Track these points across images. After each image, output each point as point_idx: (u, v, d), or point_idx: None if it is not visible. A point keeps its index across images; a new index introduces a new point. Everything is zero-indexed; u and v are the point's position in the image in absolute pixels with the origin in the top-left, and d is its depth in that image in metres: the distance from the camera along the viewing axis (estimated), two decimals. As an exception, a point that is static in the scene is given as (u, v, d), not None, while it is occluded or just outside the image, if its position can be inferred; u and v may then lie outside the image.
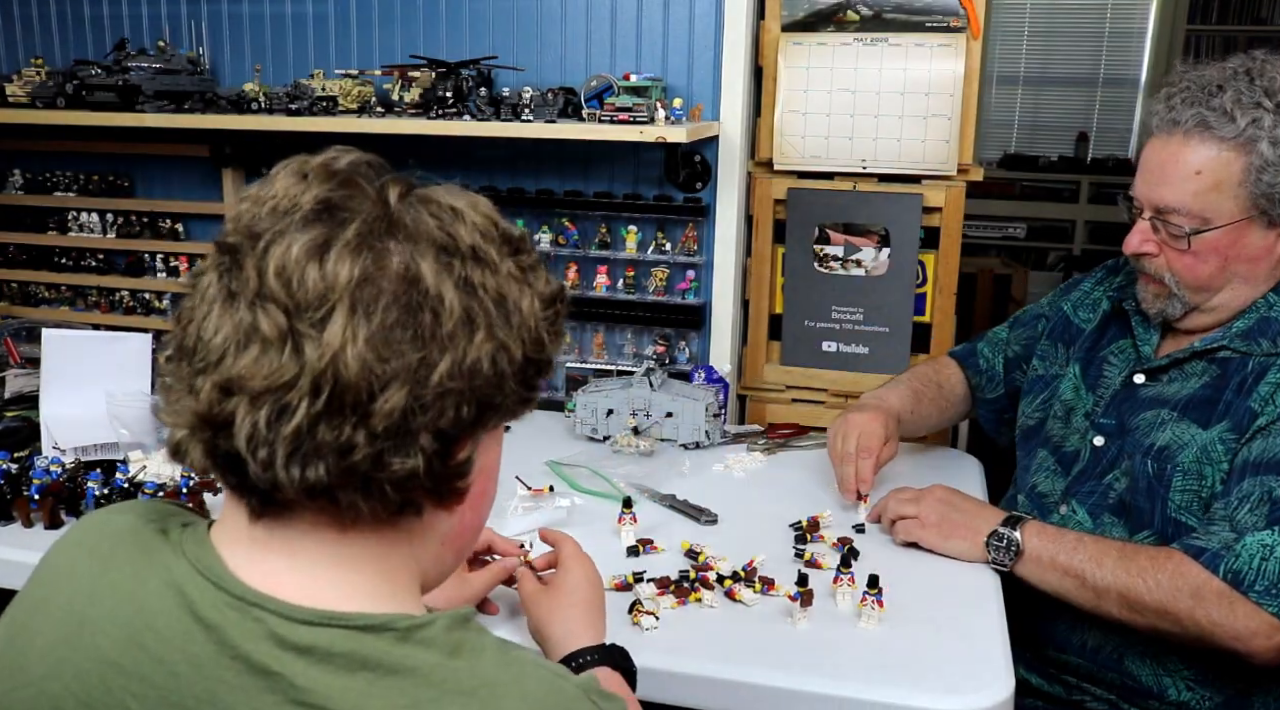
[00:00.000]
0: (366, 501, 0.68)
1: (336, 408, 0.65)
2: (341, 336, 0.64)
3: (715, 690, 1.17)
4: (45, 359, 1.73)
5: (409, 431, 0.67)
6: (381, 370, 0.65)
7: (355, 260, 0.66)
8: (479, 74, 2.02)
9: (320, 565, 0.72)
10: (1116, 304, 1.58)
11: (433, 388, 0.67)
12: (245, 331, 0.66)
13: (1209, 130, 1.34)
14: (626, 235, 2.13)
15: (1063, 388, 1.58)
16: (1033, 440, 1.62)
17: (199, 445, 0.69)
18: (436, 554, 0.78)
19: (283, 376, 0.65)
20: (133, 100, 2.06)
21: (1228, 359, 1.41)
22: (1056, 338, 1.66)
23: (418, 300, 0.67)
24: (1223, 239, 1.37)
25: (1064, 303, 1.68)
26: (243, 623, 0.68)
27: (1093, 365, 1.57)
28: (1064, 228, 6.04)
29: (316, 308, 0.65)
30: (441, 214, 0.71)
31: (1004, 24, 6.04)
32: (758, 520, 1.56)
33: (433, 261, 0.68)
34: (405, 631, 0.68)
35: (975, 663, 1.20)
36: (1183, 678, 1.39)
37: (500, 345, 0.70)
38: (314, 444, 0.65)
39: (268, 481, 0.67)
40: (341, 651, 0.67)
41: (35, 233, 2.46)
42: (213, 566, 0.71)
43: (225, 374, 0.66)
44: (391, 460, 0.67)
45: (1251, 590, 1.23)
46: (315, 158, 0.72)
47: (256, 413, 0.65)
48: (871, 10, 1.97)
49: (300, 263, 0.66)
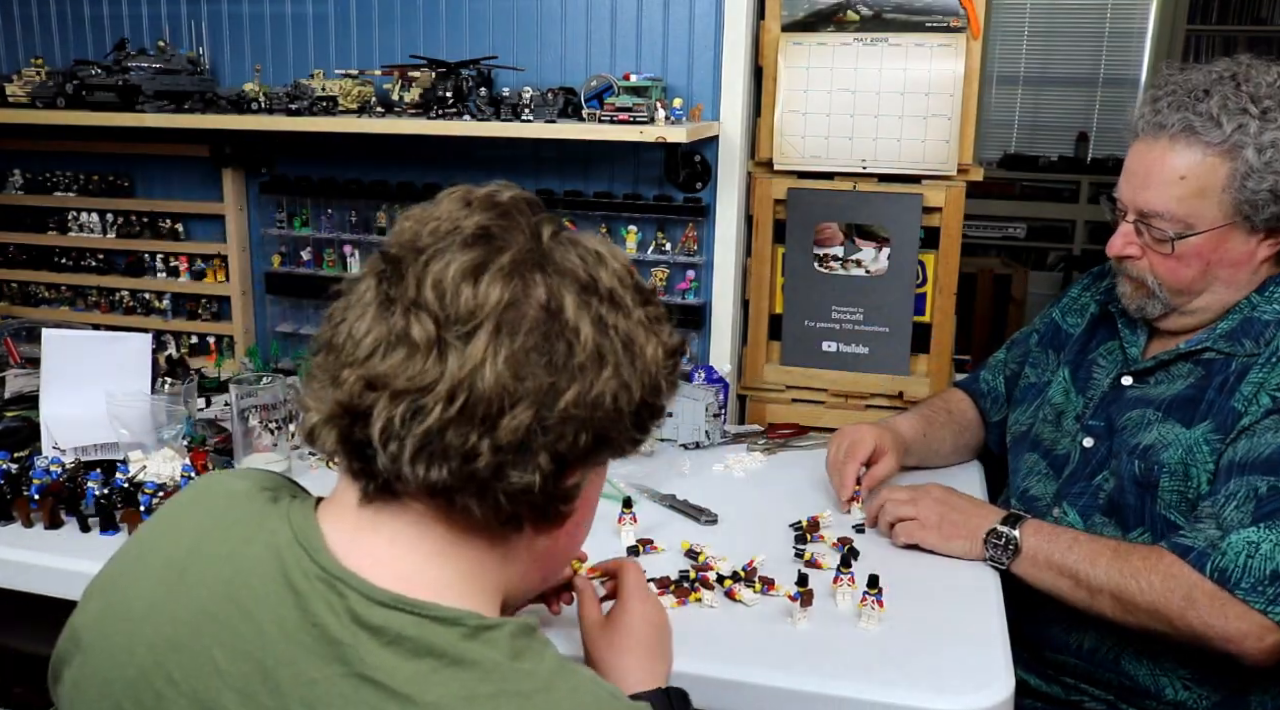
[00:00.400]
0: (480, 507, 0.74)
1: (468, 416, 0.70)
2: (484, 352, 0.70)
3: (715, 690, 1.17)
4: (45, 359, 1.73)
5: (530, 449, 0.72)
6: (514, 388, 0.71)
7: (506, 285, 0.72)
8: (479, 74, 2.02)
9: (416, 555, 0.76)
10: (1104, 307, 1.59)
11: (558, 412, 0.72)
12: (396, 334, 0.72)
13: (1195, 135, 1.34)
14: (626, 235, 2.13)
15: (1052, 391, 1.59)
16: (1021, 445, 1.62)
17: (334, 431, 0.74)
18: (525, 571, 0.83)
19: (424, 379, 0.71)
20: (133, 100, 2.06)
21: (1211, 360, 1.41)
22: (1046, 345, 1.67)
23: (557, 330, 0.73)
24: (1205, 244, 1.37)
25: (1053, 312, 1.70)
26: (327, 595, 0.72)
27: (1082, 368, 1.58)
28: (1064, 228, 6.04)
29: (465, 322, 0.71)
30: (586, 256, 0.77)
31: (1004, 24, 6.04)
32: (758, 520, 1.56)
33: (574, 297, 0.74)
34: (474, 629, 0.72)
35: (975, 663, 1.20)
36: (1179, 677, 1.39)
37: (623, 384, 0.76)
38: (441, 446, 0.71)
39: (392, 473, 0.73)
40: (411, 636, 0.71)
41: (35, 233, 2.46)
42: (312, 539, 0.76)
43: (372, 370, 0.72)
44: (510, 473, 0.72)
45: (1238, 587, 1.23)
46: (480, 189, 0.79)
47: (394, 409, 0.71)
48: (871, 10, 1.97)
49: (456, 280, 0.72)
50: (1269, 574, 1.22)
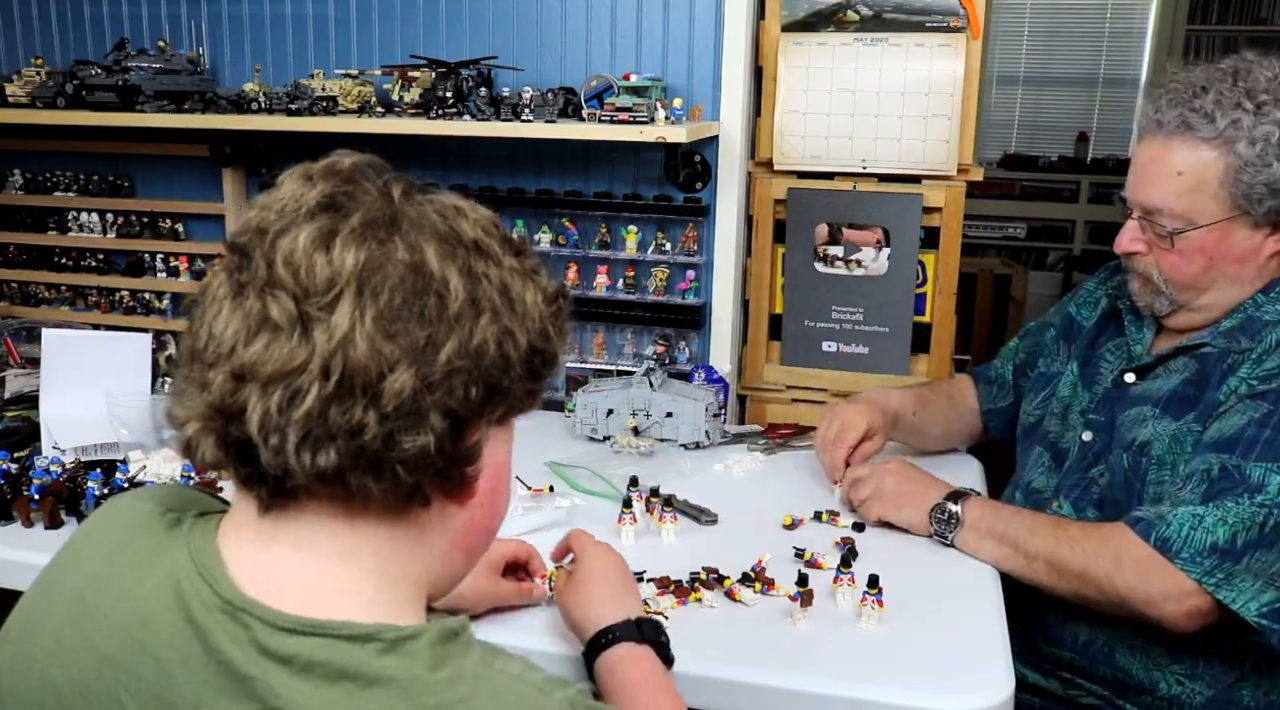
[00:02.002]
0: (378, 483, 0.69)
1: (347, 389, 0.66)
2: (349, 319, 0.66)
3: (715, 690, 1.17)
4: (45, 359, 1.73)
5: (419, 411, 0.68)
6: (389, 351, 0.67)
7: (360, 247, 0.68)
8: (479, 74, 2.02)
9: (326, 560, 0.72)
10: (1114, 302, 1.60)
11: (440, 367, 0.68)
12: (256, 320, 0.67)
13: (1190, 131, 1.36)
14: (626, 235, 2.13)
15: (1061, 386, 1.60)
16: (1031, 437, 1.64)
17: (211, 437, 0.70)
18: (446, 555, 0.78)
19: (293, 361, 0.66)
20: (133, 100, 2.06)
21: (1207, 355, 1.42)
22: (1060, 336, 1.68)
23: (422, 284, 0.69)
24: (1207, 238, 1.38)
25: (1069, 305, 1.70)
26: (230, 627, 0.69)
27: (1089, 363, 1.59)
28: (1064, 228, 6.04)
29: (324, 293, 0.67)
30: (444, 210, 0.74)
31: (1004, 24, 6.04)
32: (758, 520, 1.56)
33: (436, 249, 0.70)
34: (391, 643, 0.69)
35: (975, 662, 1.20)
36: (1173, 672, 1.40)
37: (505, 330, 0.72)
38: (325, 427, 0.66)
39: (279, 467, 0.68)
40: (322, 661, 0.67)
41: (35, 233, 2.47)
42: (211, 567, 0.72)
43: (237, 363, 0.67)
44: (402, 439, 0.68)
45: (1178, 557, 1.25)
46: (319, 162, 0.75)
47: (268, 399, 0.66)
48: (871, 10, 1.97)
49: (307, 251, 0.68)
50: (1208, 546, 1.25)
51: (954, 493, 1.46)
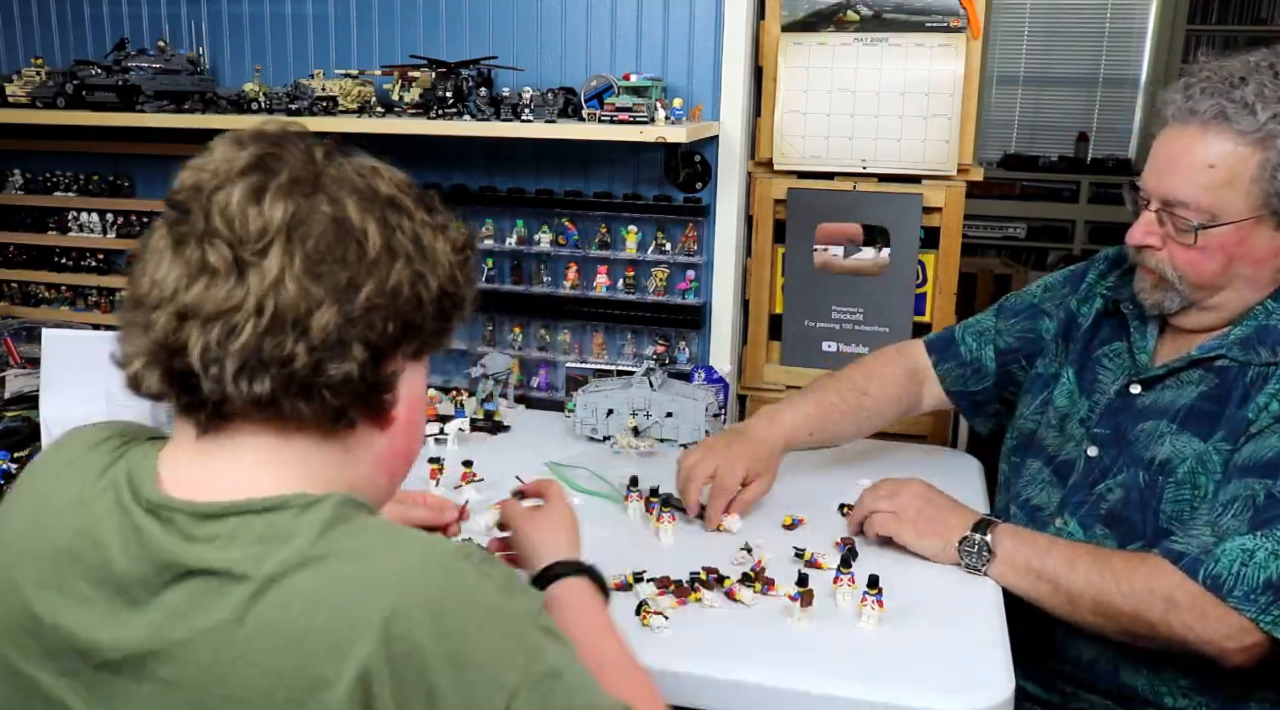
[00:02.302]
0: (308, 406, 0.78)
1: (279, 325, 0.76)
2: (280, 263, 0.76)
3: (715, 690, 1.17)
4: (45, 359, 1.73)
5: (343, 342, 0.77)
6: (315, 291, 0.76)
7: (288, 201, 0.77)
8: (479, 74, 2.02)
9: (258, 468, 0.81)
10: (1112, 304, 1.54)
11: (360, 305, 0.78)
12: (196, 266, 0.76)
13: (1227, 122, 1.29)
14: (626, 235, 2.13)
15: (1057, 394, 1.54)
16: (1028, 448, 1.57)
17: (156, 369, 0.79)
18: (370, 474, 0.87)
19: (231, 300, 0.75)
20: (133, 100, 2.07)
21: (1226, 368, 1.37)
22: (1060, 334, 1.61)
23: (345, 233, 0.78)
24: (1230, 236, 1.32)
25: (1071, 300, 1.61)
26: (155, 525, 0.78)
27: (1087, 369, 1.53)
28: (1064, 228, 6.04)
29: (257, 241, 0.76)
30: (362, 170, 0.83)
31: (1004, 24, 6.04)
32: (758, 520, 1.56)
33: (356, 203, 0.80)
34: (302, 507, 0.77)
35: (975, 663, 1.20)
36: (1178, 686, 1.37)
37: (417, 274, 0.82)
38: (260, 358, 0.75)
39: (218, 394, 0.77)
40: (241, 533, 0.76)
41: (35, 233, 2.47)
42: (143, 477, 0.81)
43: (180, 303, 0.76)
44: (328, 367, 0.77)
45: (1230, 596, 1.21)
46: (247, 128, 0.84)
47: (208, 334, 0.75)
48: (871, 10, 1.97)
49: (241, 205, 0.77)
50: (1262, 582, 1.20)
51: (980, 521, 1.39)
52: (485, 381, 2.06)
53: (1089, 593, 1.28)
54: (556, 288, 2.19)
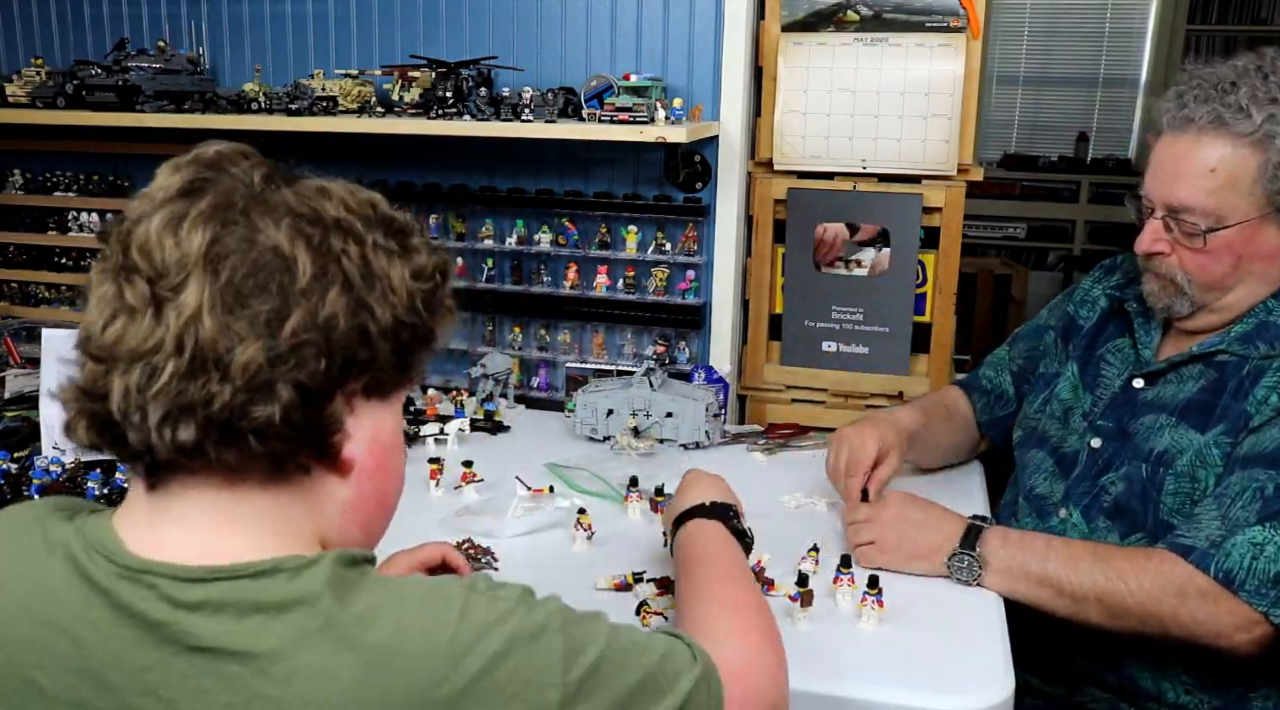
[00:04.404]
0: (236, 455, 0.72)
1: (199, 365, 0.69)
2: (196, 298, 0.70)
3: (715, 690, 1.16)
4: (45, 359, 1.73)
5: (268, 382, 0.70)
6: (236, 326, 0.70)
7: (206, 228, 0.71)
8: (479, 74, 2.02)
9: (215, 527, 0.74)
10: (1116, 302, 1.57)
11: (285, 339, 0.70)
12: (113, 304, 0.71)
13: (1224, 127, 1.32)
14: (626, 235, 2.13)
15: (1060, 387, 1.57)
16: (1030, 441, 1.60)
17: (83, 418, 0.73)
18: (340, 524, 0.80)
19: (149, 341, 0.70)
20: (133, 100, 2.06)
21: (1225, 362, 1.39)
22: (1060, 336, 1.65)
23: (267, 260, 0.71)
24: (1237, 237, 1.35)
25: (1067, 305, 1.67)
26: (135, 590, 0.71)
27: (1090, 364, 1.55)
28: (1064, 228, 6.04)
29: (175, 274, 0.70)
30: (305, 192, 0.76)
31: (1004, 24, 6.04)
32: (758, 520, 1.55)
33: (288, 228, 0.72)
34: (295, 570, 0.72)
35: (975, 663, 1.20)
36: (1182, 682, 1.38)
37: (360, 303, 0.74)
38: (182, 402, 0.70)
39: (143, 443, 0.71)
40: (233, 601, 0.70)
41: (35, 233, 2.47)
42: (104, 541, 0.74)
43: (99, 345, 0.71)
44: (252, 410, 0.70)
45: (1242, 589, 1.22)
46: (189, 152, 0.79)
47: (128, 378, 0.70)
48: (871, 10, 1.97)
49: (159, 235, 0.71)
50: (1273, 576, 1.22)
51: (967, 530, 1.36)
52: (485, 381, 2.06)
53: (1094, 593, 1.28)
54: (556, 288, 2.19)
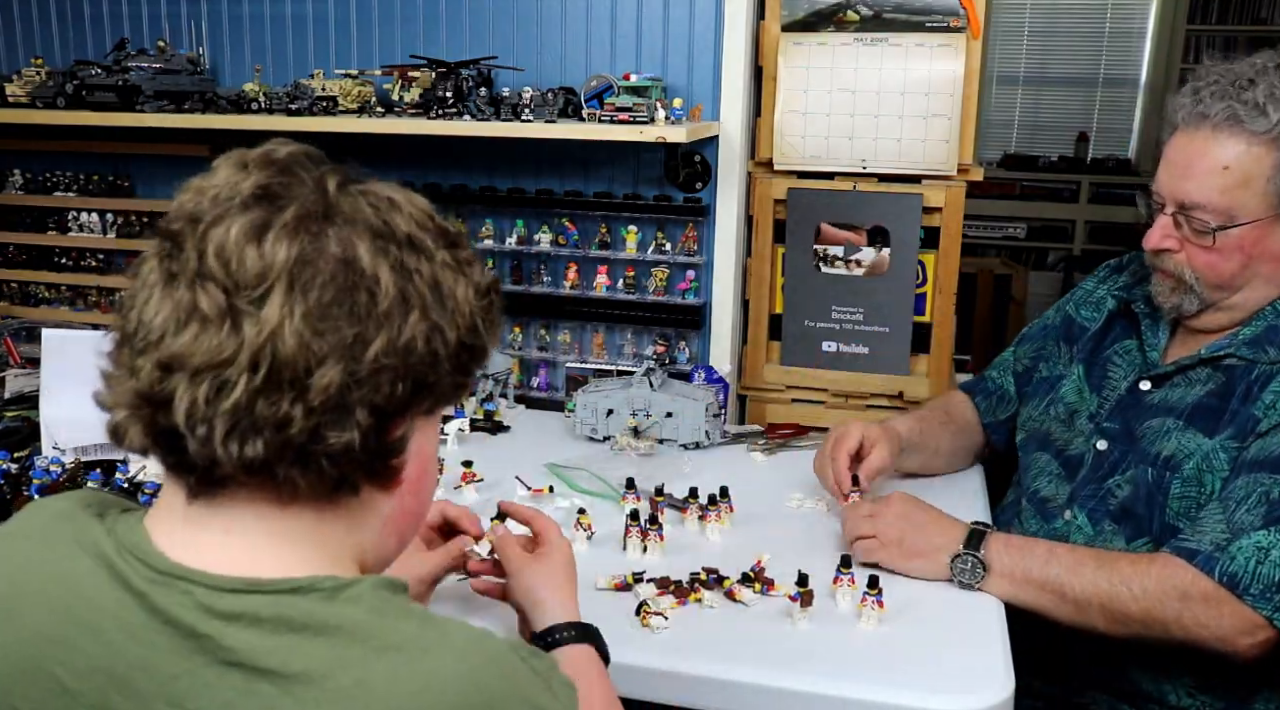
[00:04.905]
0: (304, 476, 0.70)
1: (274, 383, 0.67)
2: (279, 314, 0.67)
3: (715, 690, 1.17)
4: (45, 359, 1.73)
5: (345, 406, 0.69)
6: (318, 346, 0.67)
7: (293, 241, 0.68)
8: (479, 74, 2.02)
9: (256, 541, 0.73)
10: (1124, 304, 1.55)
11: (368, 364, 0.69)
12: (185, 310, 0.68)
13: (1239, 124, 1.30)
14: (626, 235, 2.13)
15: (1065, 389, 1.56)
16: (1035, 443, 1.60)
17: (138, 424, 0.71)
18: (377, 538, 0.79)
19: (222, 353, 0.67)
20: (133, 100, 2.06)
21: (1233, 366, 1.38)
22: (1059, 338, 1.64)
23: (353, 280, 0.69)
24: (1247, 236, 1.34)
25: (1067, 305, 1.66)
26: (169, 596, 0.69)
27: (1096, 366, 1.54)
28: (1064, 228, 6.04)
29: (254, 286, 0.67)
30: (379, 203, 0.73)
31: (1004, 24, 6.04)
32: (758, 520, 1.56)
33: (369, 245, 0.70)
34: (331, 591, 0.70)
35: (975, 663, 1.20)
36: (1184, 684, 1.38)
37: (434, 326, 0.72)
38: (252, 419, 0.67)
39: (206, 457, 0.68)
40: (269, 616, 0.68)
41: (35, 233, 2.46)
42: (139, 544, 0.72)
43: (166, 352, 0.68)
44: (328, 434, 0.68)
45: (1247, 593, 1.22)
46: (255, 149, 0.75)
47: (196, 389, 0.67)
48: (871, 10, 1.97)
49: (239, 243, 0.68)
50: (1277, 581, 1.21)
51: (970, 533, 1.35)
52: (485, 381, 2.06)
53: (1098, 599, 1.28)
54: (556, 288, 2.19)
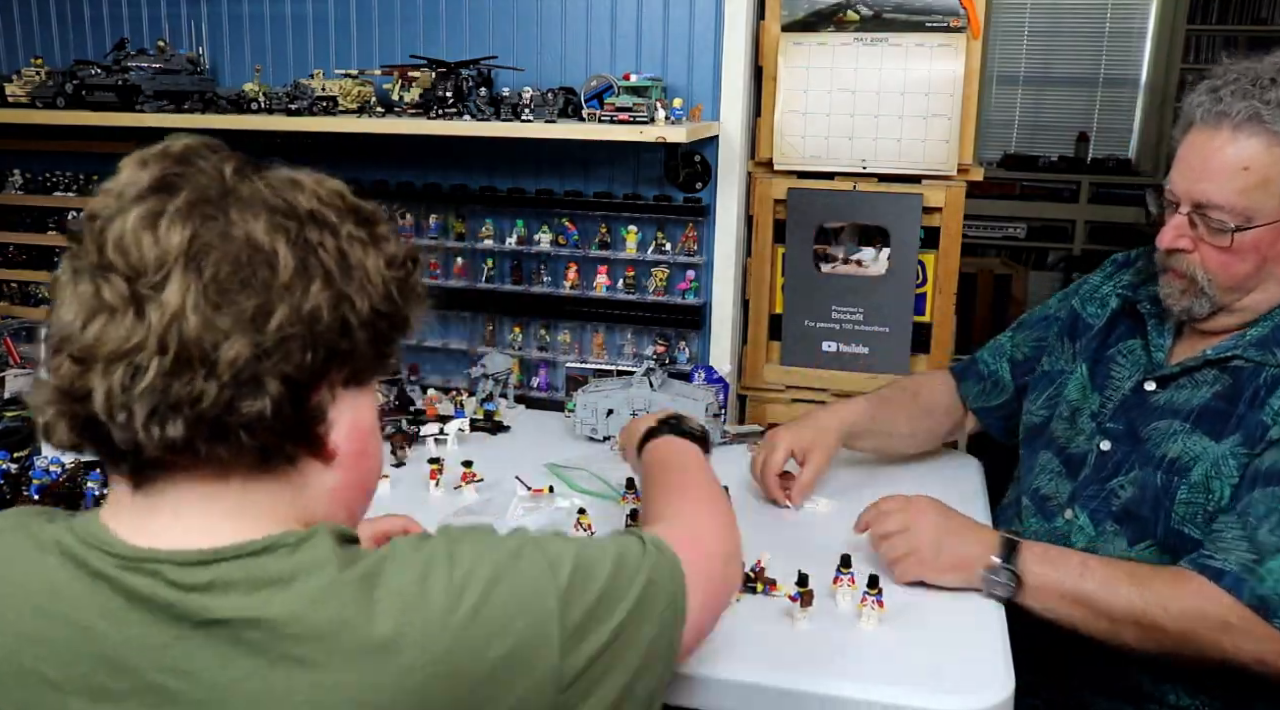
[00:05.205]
0: (227, 449, 0.72)
1: (184, 362, 0.69)
2: (180, 296, 0.69)
3: (715, 690, 1.17)
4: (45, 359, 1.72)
5: (256, 377, 0.71)
6: (221, 322, 0.70)
7: (186, 225, 0.71)
8: (479, 74, 2.02)
9: (207, 517, 0.75)
10: (1129, 303, 1.54)
11: (271, 334, 0.71)
12: (91, 303, 0.70)
13: (1261, 124, 1.28)
14: (626, 235, 2.13)
15: (1069, 388, 1.55)
16: (1037, 440, 1.58)
17: (63, 419, 0.73)
18: (326, 509, 0.81)
19: (130, 340, 0.69)
20: (132, 100, 2.06)
21: (1240, 368, 1.37)
22: (1064, 333, 1.62)
23: (250, 256, 0.71)
24: (1264, 237, 1.32)
25: (1073, 300, 1.64)
26: (138, 579, 0.72)
27: (1100, 365, 1.53)
28: (1064, 228, 6.04)
29: (154, 272, 0.70)
30: (278, 184, 0.76)
31: (1004, 24, 6.04)
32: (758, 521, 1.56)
33: (265, 222, 0.73)
34: (295, 545, 0.74)
35: (975, 663, 1.20)
36: (1184, 685, 1.37)
37: (340, 295, 0.74)
38: (168, 400, 0.69)
39: (130, 443, 0.71)
40: (240, 579, 0.71)
41: (35, 233, 2.47)
42: (98, 535, 0.75)
43: (78, 345, 0.70)
44: (240, 405, 0.70)
45: (1276, 616, 1.20)
46: (156, 146, 0.78)
47: (111, 378, 0.69)
48: (871, 10, 1.97)
49: (136, 232, 0.70)
50: None
51: (1003, 543, 1.32)
52: (485, 381, 2.06)
53: (1131, 616, 1.26)
54: (556, 288, 2.19)
